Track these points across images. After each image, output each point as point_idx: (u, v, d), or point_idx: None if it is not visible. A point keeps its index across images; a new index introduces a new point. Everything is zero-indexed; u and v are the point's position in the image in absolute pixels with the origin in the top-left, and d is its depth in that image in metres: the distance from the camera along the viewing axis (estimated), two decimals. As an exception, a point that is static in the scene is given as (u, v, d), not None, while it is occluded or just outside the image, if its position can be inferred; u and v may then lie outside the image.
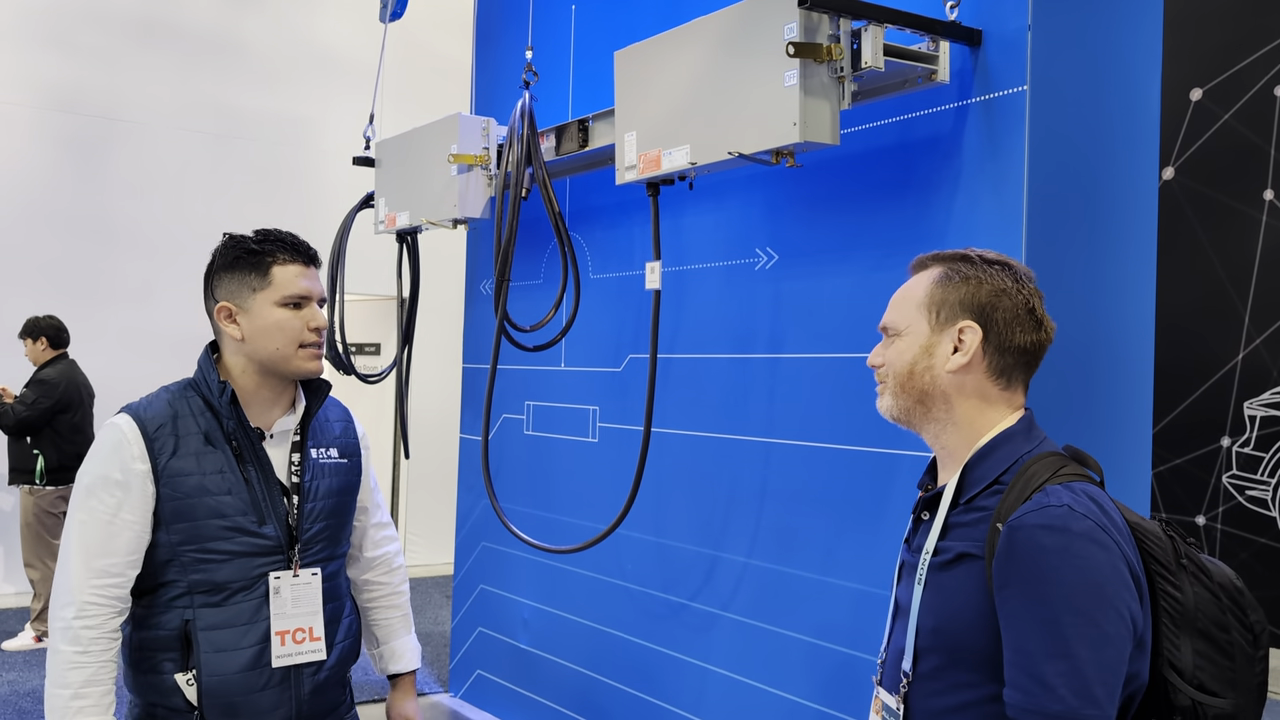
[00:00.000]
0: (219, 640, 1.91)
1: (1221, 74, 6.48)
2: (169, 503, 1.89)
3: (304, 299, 1.97)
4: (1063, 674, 1.26)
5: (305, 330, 1.96)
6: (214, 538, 1.90)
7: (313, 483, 2.02)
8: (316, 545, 2.01)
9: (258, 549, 1.93)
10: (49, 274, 7.25)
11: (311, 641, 1.99)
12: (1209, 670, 1.38)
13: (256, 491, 1.94)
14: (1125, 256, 2.51)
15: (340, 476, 2.08)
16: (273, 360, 1.96)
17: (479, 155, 3.58)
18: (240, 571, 1.92)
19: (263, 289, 1.96)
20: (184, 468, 1.90)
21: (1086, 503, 1.34)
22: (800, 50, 2.32)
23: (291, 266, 1.98)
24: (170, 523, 1.89)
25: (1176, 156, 6.66)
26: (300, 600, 1.97)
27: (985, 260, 1.50)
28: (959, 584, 1.40)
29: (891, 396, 1.53)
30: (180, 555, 1.90)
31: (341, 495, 2.08)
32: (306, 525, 2.00)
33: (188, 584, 1.90)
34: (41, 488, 5.99)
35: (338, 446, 2.11)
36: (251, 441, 1.96)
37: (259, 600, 1.93)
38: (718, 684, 3.07)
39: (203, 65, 7.82)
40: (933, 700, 1.42)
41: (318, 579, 2.00)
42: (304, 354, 1.97)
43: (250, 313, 1.96)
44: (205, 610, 1.90)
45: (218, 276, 2.01)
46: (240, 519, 1.92)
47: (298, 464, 2.01)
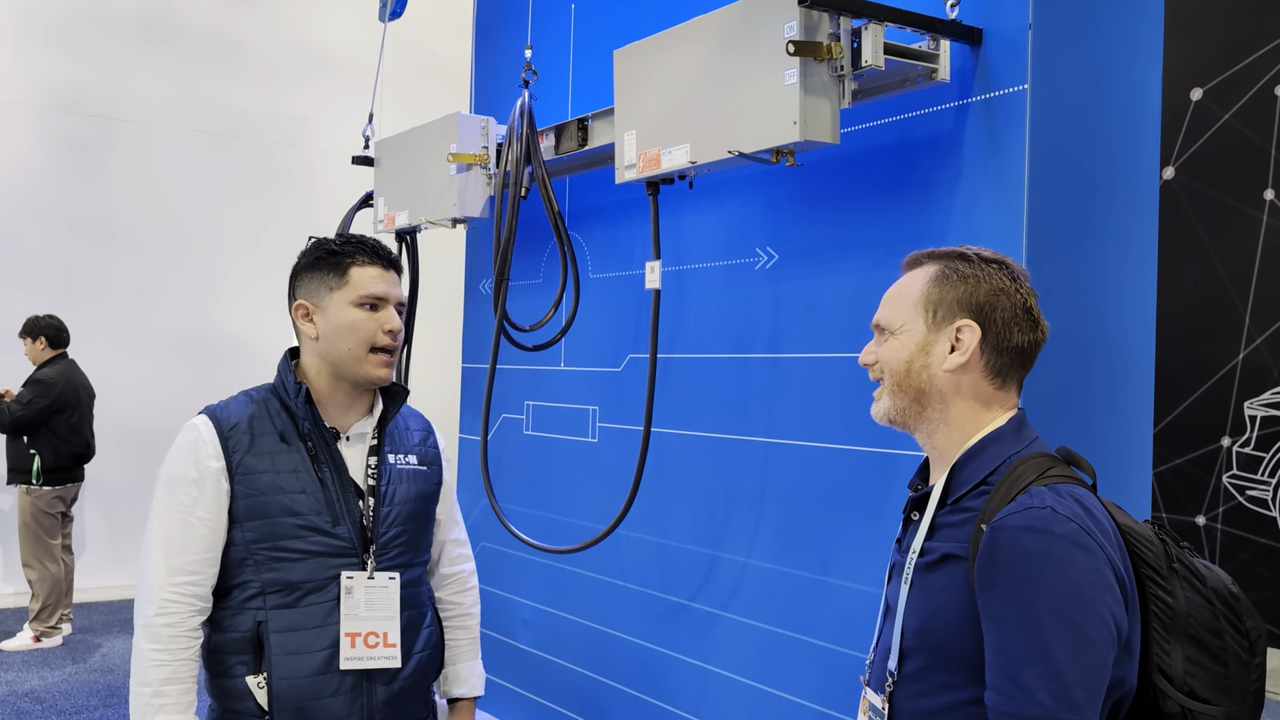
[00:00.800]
0: (290, 643, 1.89)
1: (1222, 74, 6.47)
2: (243, 500, 1.89)
3: (380, 300, 1.96)
4: (1042, 678, 1.25)
5: (379, 332, 1.95)
6: (288, 536, 1.89)
7: (389, 487, 2.01)
8: (393, 550, 1.99)
9: (331, 549, 1.91)
10: (48, 273, 7.25)
11: (385, 647, 1.95)
12: (1200, 676, 1.37)
13: (331, 492, 1.93)
14: (1125, 256, 2.51)
15: (418, 483, 2.07)
16: (344, 361, 1.95)
17: (478, 154, 3.57)
18: (313, 571, 1.90)
19: (339, 288, 1.95)
20: (258, 465, 1.90)
21: (1071, 505, 1.32)
22: (800, 49, 2.31)
23: (370, 268, 1.97)
24: (245, 520, 1.89)
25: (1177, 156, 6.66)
26: (375, 603, 1.94)
27: (983, 259, 1.48)
28: (943, 585, 1.39)
29: (889, 397, 1.51)
30: (254, 554, 1.89)
31: (419, 502, 2.06)
32: (382, 529, 1.98)
33: (261, 584, 1.89)
34: (39, 488, 5.99)
35: (417, 454, 2.10)
36: (326, 442, 1.96)
37: (331, 603, 1.91)
38: (718, 684, 3.06)
39: (203, 65, 7.82)
40: (917, 701, 1.41)
41: (396, 584, 1.97)
42: (375, 359, 1.96)
43: (326, 312, 1.96)
44: (278, 612, 1.89)
45: (299, 276, 2.02)
46: (314, 518, 1.91)
47: (374, 467, 2.00)
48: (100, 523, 7.45)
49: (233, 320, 7.90)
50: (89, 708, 5.04)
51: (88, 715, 4.93)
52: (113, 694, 5.25)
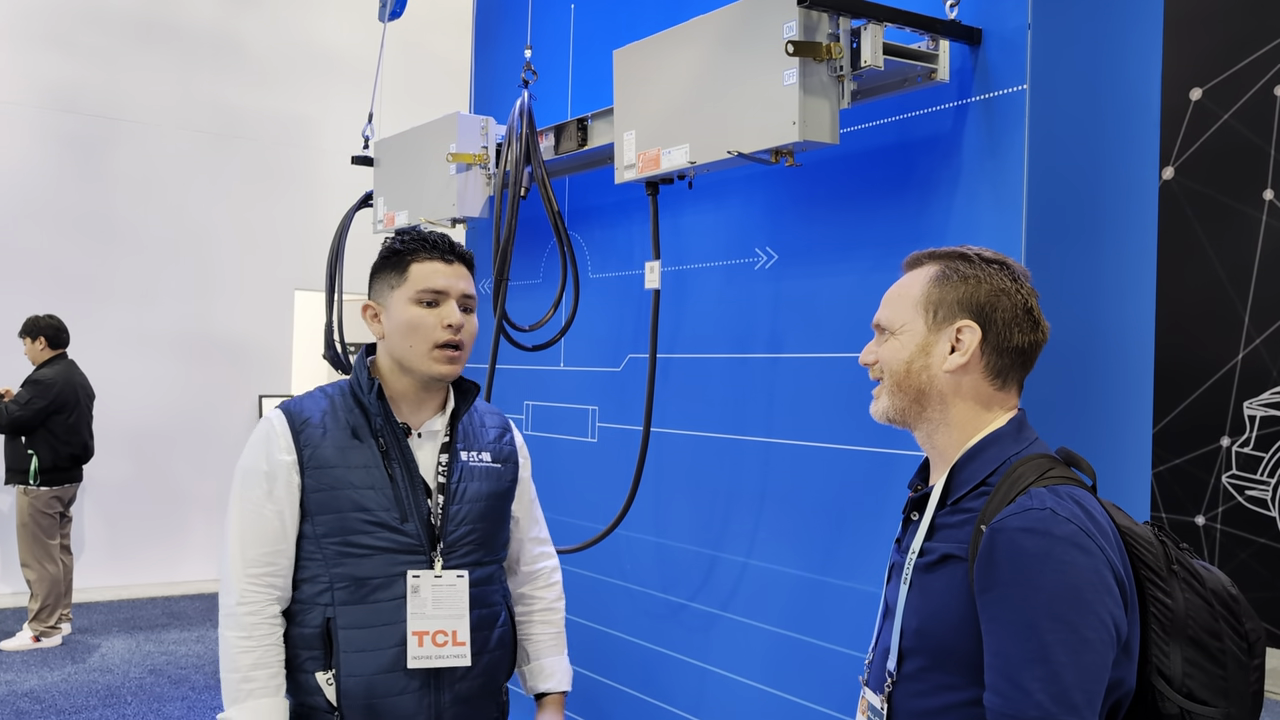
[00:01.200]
0: (358, 640, 1.89)
1: (1221, 74, 6.48)
2: (313, 493, 1.90)
3: (440, 295, 1.94)
4: (1040, 679, 1.24)
5: (439, 329, 1.92)
6: (356, 531, 1.89)
7: (460, 484, 1.99)
8: (463, 548, 1.97)
9: (400, 546, 1.91)
10: (48, 273, 7.25)
11: (454, 646, 1.93)
12: (1199, 678, 1.36)
13: (400, 489, 1.93)
14: (1125, 256, 2.51)
15: (491, 481, 2.05)
16: (407, 360, 1.94)
17: (478, 154, 3.57)
18: (382, 568, 1.90)
19: (399, 285, 1.95)
20: (329, 459, 1.91)
21: (1070, 506, 1.32)
22: (799, 49, 2.31)
23: (430, 263, 1.95)
24: (315, 514, 1.90)
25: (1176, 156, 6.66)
26: (443, 602, 1.93)
27: (983, 259, 1.48)
28: (943, 585, 1.39)
29: (888, 397, 1.51)
30: (324, 547, 1.90)
31: (491, 500, 2.04)
32: (451, 527, 1.96)
33: (330, 578, 1.90)
34: (36, 488, 5.99)
35: (491, 451, 2.08)
36: (398, 439, 1.95)
37: (399, 600, 1.90)
38: (717, 684, 3.06)
39: (202, 65, 7.82)
40: (916, 701, 1.41)
41: (464, 582, 1.95)
42: (437, 355, 1.93)
43: (389, 310, 1.96)
44: (346, 608, 1.89)
45: (372, 277, 2.02)
46: (382, 514, 1.91)
47: (445, 465, 1.99)
48: (100, 523, 7.45)
49: (233, 320, 7.90)
50: (88, 707, 5.04)
51: (87, 715, 4.93)
52: (111, 694, 5.25)
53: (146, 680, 5.49)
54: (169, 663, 5.81)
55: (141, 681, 5.46)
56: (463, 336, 1.95)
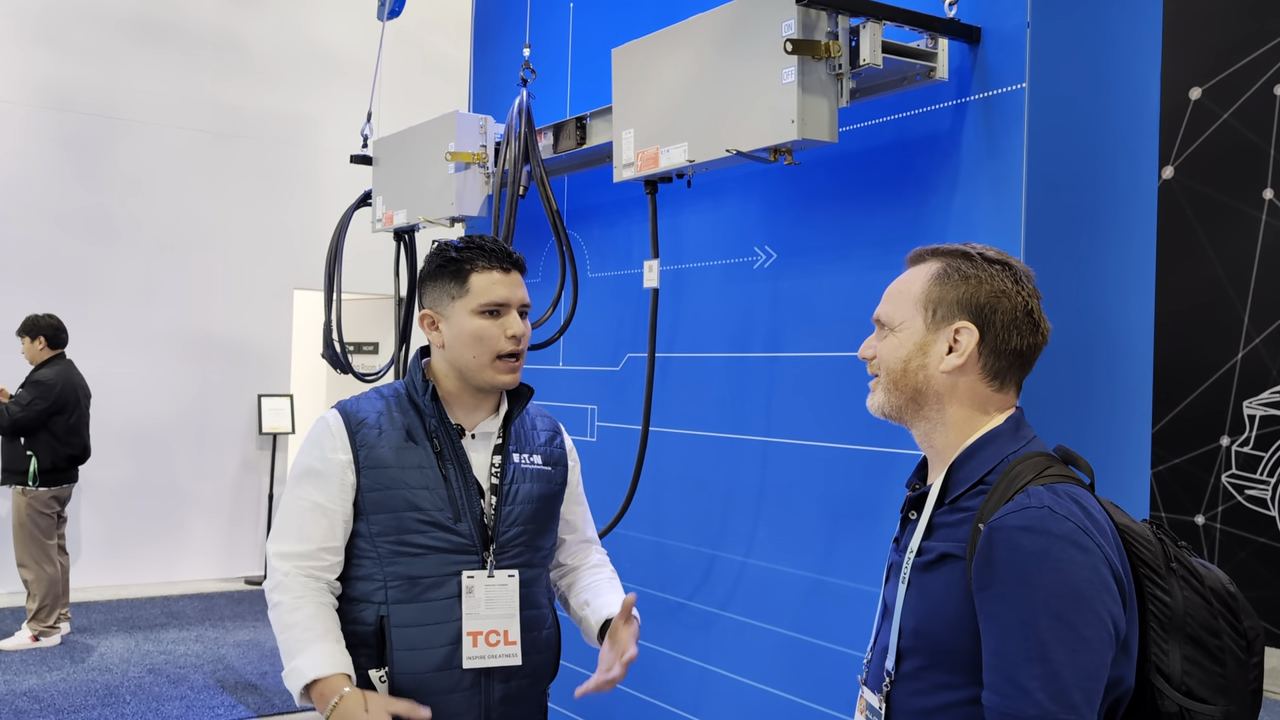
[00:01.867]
0: (411, 638, 1.92)
1: (1221, 73, 6.47)
2: (369, 493, 1.93)
3: (502, 306, 1.96)
4: (1039, 678, 1.24)
5: (502, 339, 1.95)
6: (410, 530, 1.92)
7: (512, 486, 2.02)
8: (514, 549, 2.00)
9: (453, 546, 1.94)
10: (47, 273, 7.24)
11: (506, 645, 1.97)
12: (1198, 676, 1.36)
13: (454, 489, 1.95)
14: (1124, 255, 2.50)
15: (541, 483, 2.07)
16: (469, 369, 1.97)
17: (476, 153, 3.57)
18: (435, 567, 1.93)
19: (461, 297, 1.96)
20: (384, 459, 1.94)
21: (1068, 504, 1.32)
22: (798, 47, 2.31)
23: (490, 273, 1.97)
24: (370, 513, 1.93)
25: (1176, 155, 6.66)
26: (495, 602, 1.96)
27: (986, 259, 1.47)
28: (941, 585, 1.38)
29: (884, 393, 1.50)
30: (378, 546, 1.93)
31: (542, 502, 2.07)
32: (503, 528, 1.99)
33: (384, 577, 1.92)
34: (34, 489, 5.98)
35: (541, 454, 2.10)
36: (452, 440, 1.98)
37: (452, 599, 1.93)
38: (716, 683, 3.06)
39: (201, 64, 7.81)
40: (914, 700, 1.41)
41: (514, 582, 1.99)
42: (499, 365, 1.96)
43: (450, 320, 1.97)
44: (399, 606, 1.92)
45: (424, 284, 2.03)
46: (436, 514, 1.93)
47: (498, 466, 2.01)
48: (98, 523, 7.44)
49: (231, 320, 7.89)
50: (86, 707, 5.03)
51: (85, 715, 4.93)
52: (110, 693, 5.25)
53: (145, 680, 5.48)
54: (167, 662, 5.81)
55: (140, 681, 5.46)
56: (523, 345, 1.99)
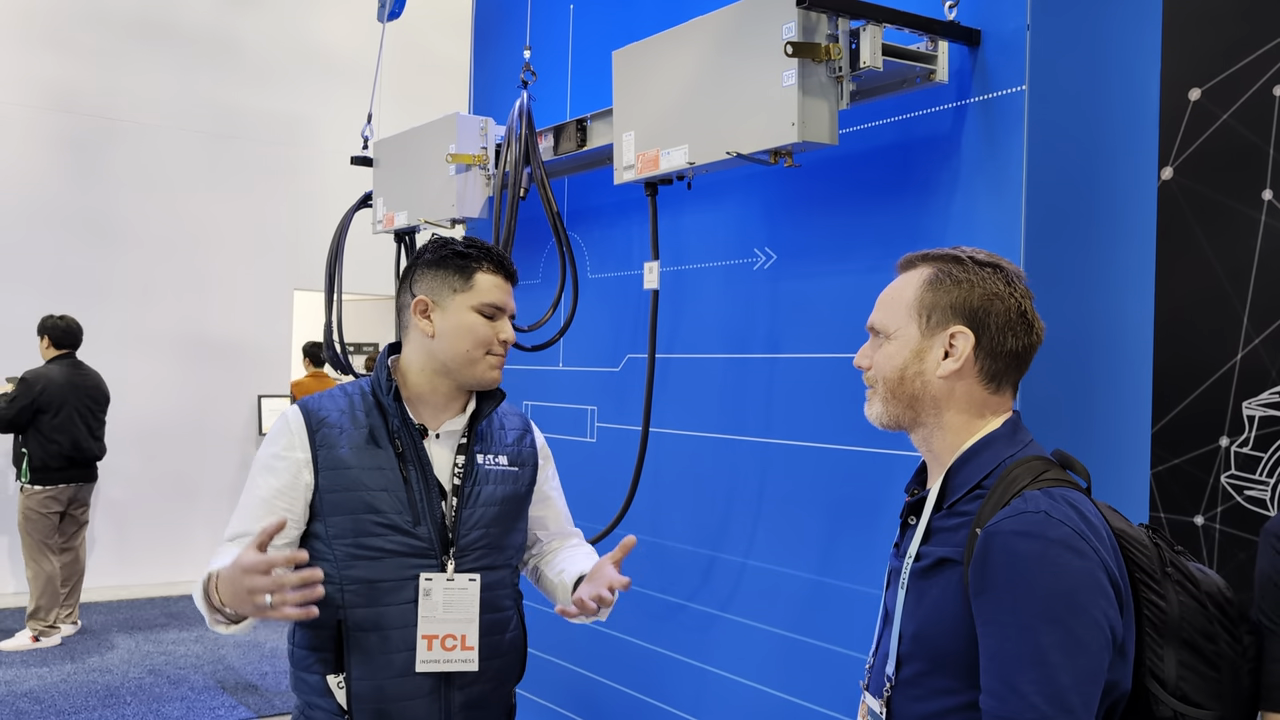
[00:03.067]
0: (369, 643, 1.89)
1: (1220, 74, 6.48)
2: (327, 494, 1.90)
3: (499, 310, 2.01)
4: (1036, 682, 1.24)
5: (494, 340, 1.99)
6: (368, 533, 1.89)
7: (474, 488, 1.99)
8: (475, 552, 1.97)
9: (411, 549, 1.91)
10: (48, 274, 7.25)
11: (463, 650, 1.94)
12: (1193, 681, 1.36)
13: (414, 491, 1.92)
14: (1123, 256, 2.51)
15: (507, 484, 2.05)
16: (457, 362, 1.97)
17: (477, 155, 3.57)
18: (393, 571, 1.90)
19: (464, 291, 1.98)
20: (344, 460, 1.91)
21: (1065, 509, 1.32)
22: (798, 50, 2.32)
23: (494, 277, 2.01)
24: (327, 514, 1.90)
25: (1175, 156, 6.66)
26: (453, 605, 1.93)
27: (976, 262, 1.47)
28: (939, 590, 1.39)
29: (881, 403, 1.50)
30: (335, 548, 1.90)
31: (506, 504, 2.04)
32: (464, 530, 1.96)
33: (340, 581, 1.89)
34: (30, 487, 6.02)
35: (509, 454, 2.08)
36: (414, 440, 1.95)
37: (411, 604, 1.90)
38: (716, 684, 3.06)
39: (201, 65, 7.81)
40: (914, 706, 1.41)
41: (475, 586, 1.95)
42: (489, 360, 1.99)
43: (446, 311, 1.98)
44: (357, 610, 1.89)
45: (420, 271, 2.02)
46: (395, 517, 1.90)
47: (460, 467, 1.99)
48: (99, 522, 7.44)
49: (232, 320, 7.90)
50: (88, 708, 5.03)
51: (86, 715, 4.93)
52: (111, 694, 5.25)
53: (146, 680, 5.49)
54: (168, 663, 5.81)
55: (141, 682, 5.46)
56: (506, 351, 2.03)
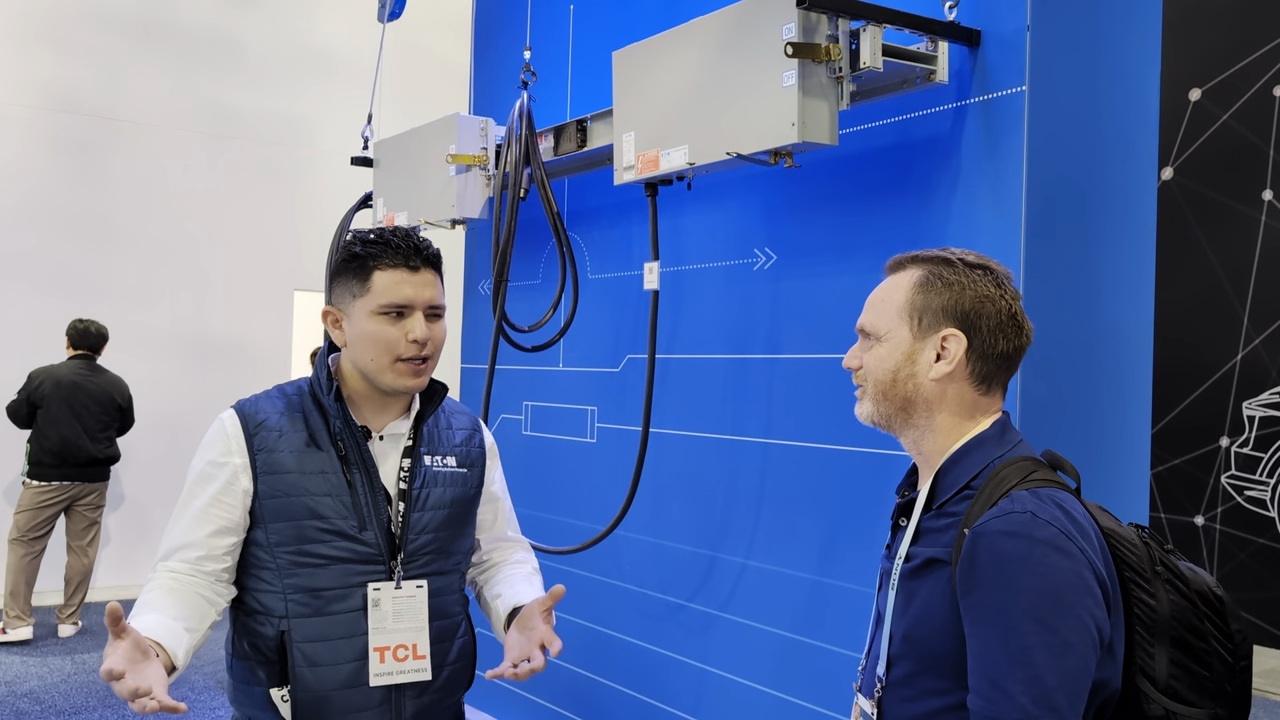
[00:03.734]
0: (315, 654, 1.80)
1: (1220, 74, 6.48)
2: (267, 499, 1.80)
3: (405, 308, 1.81)
4: (1022, 681, 1.25)
5: (403, 342, 1.80)
6: (312, 540, 1.80)
7: (422, 490, 1.89)
8: (423, 557, 1.88)
9: (358, 556, 1.81)
10: (46, 274, 7.25)
11: (415, 660, 1.84)
12: (1184, 679, 1.36)
13: (359, 495, 1.83)
14: (1123, 257, 2.51)
15: (455, 487, 1.94)
16: (369, 372, 1.83)
17: (477, 155, 3.58)
18: (339, 579, 1.80)
19: (362, 296, 1.82)
20: (284, 464, 1.81)
21: (1052, 509, 1.32)
22: (799, 50, 2.32)
23: (395, 272, 1.81)
24: (268, 521, 1.81)
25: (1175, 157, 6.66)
26: (403, 615, 1.83)
27: (966, 264, 1.47)
28: (928, 591, 1.39)
29: (872, 403, 1.50)
30: (277, 557, 1.81)
31: (455, 506, 1.94)
32: (412, 535, 1.86)
33: (283, 589, 1.80)
34: (28, 480, 6.14)
35: (456, 455, 1.97)
36: (358, 443, 1.85)
37: (357, 612, 1.81)
38: (716, 684, 3.07)
39: (201, 65, 7.81)
40: (904, 706, 1.41)
41: (424, 593, 1.86)
42: (400, 368, 1.81)
43: (351, 320, 1.84)
44: (301, 620, 1.80)
45: (331, 280, 1.89)
46: (340, 522, 1.81)
47: (407, 470, 1.89)
48: (99, 523, 7.44)
49: (232, 320, 7.90)
50: (88, 708, 5.03)
51: (86, 715, 4.93)
52: (111, 694, 5.25)
53: (146, 681, 5.49)
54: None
55: (141, 682, 5.46)
56: (430, 349, 1.84)
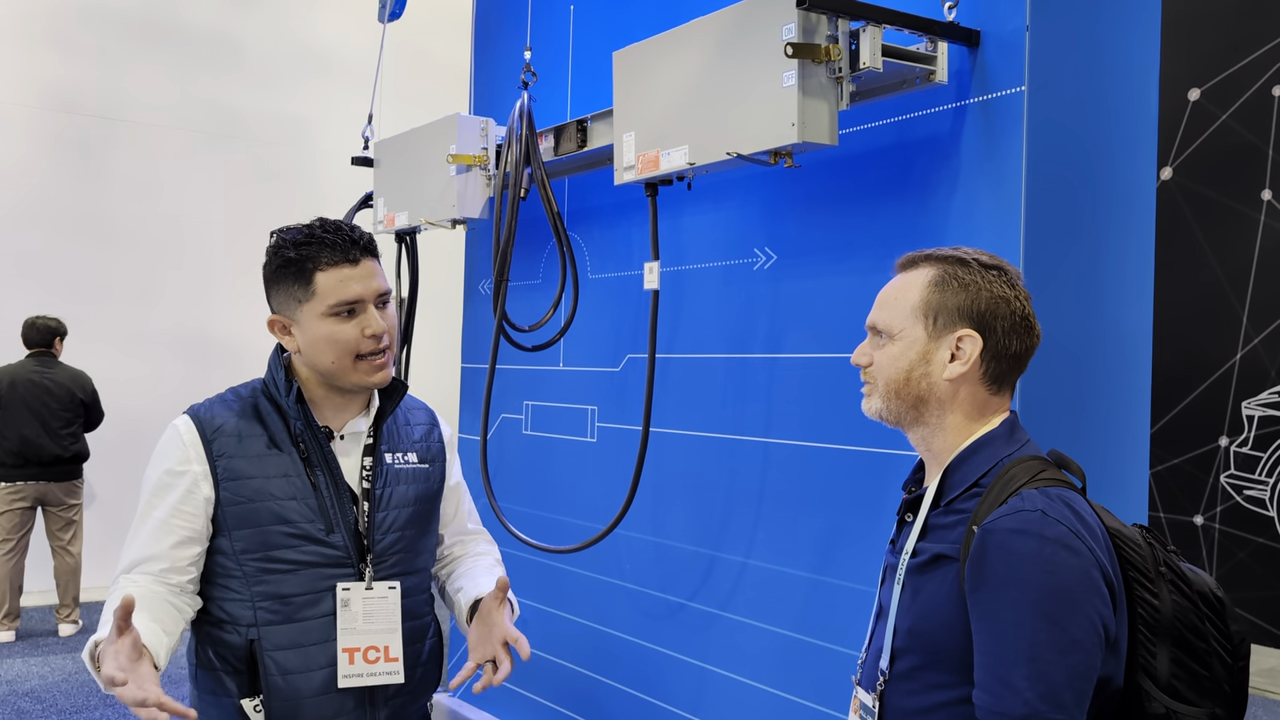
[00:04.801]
0: (287, 662, 1.76)
1: (1219, 74, 6.48)
2: (230, 507, 1.76)
3: (356, 304, 1.77)
4: (1029, 677, 1.26)
5: (361, 339, 1.77)
6: (279, 545, 1.76)
7: (385, 489, 1.86)
8: (392, 557, 1.85)
9: (325, 559, 1.78)
10: (48, 274, 7.25)
11: (387, 662, 1.81)
12: (1184, 679, 1.38)
13: (325, 497, 1.79)
14: (1123, 257, 2.51)
15: (419, 484, 1.92)
16: (330, 374, 1.80)
17: (478, 155, 3.58)
18: (308, 584, 1.76)
19: (308, 300, 1.77)
20: (245, 469, 1.77)
21: (1061, 508, 1.33)
22: (798, 51, 2.32)
23: (337, 270, 1.76)
24: (232, 529, 1.76)
25: (1174, 157, 6.67)
26: (374, 616, 1.80)
27: (981, 264, 1.48)
28: (935, 586, 1.40)
29: (882, 400, 1.51)
30: (243, 564, 1.77)
31: (419, 504, 1.92)
32: (379, 535, 1.83)
33: (251, 598, 1.76)
34: None
35: (417, 451, 1.94)
36: (320, 444, 1.81)
37: (329, 617, 1.78)
38: (716, 683, 3.07)
39: (201, 65, 7.82)
40: (907, 700, 1.42)
41: (396, 594, 1.83)
42: (363, 366, 1.79)
43: (301, 325, 1.79)
44: (271, 629, 1.76)
45: (268, 287, 1.83)
46: (306, 526, 1.77)
47: (369, 469, 1.86)
48: (98, 523, 7.45)
49: (231, 320, 7.90)
50: (89, 707, 5.04)
51: (87, 715, 4.94)
52: (112, 694, 5.26)
53: (146, 680, 5.49)
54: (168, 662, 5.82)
55: (141, 681, 5.47)
56: (388, 341, 1.81)
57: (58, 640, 6.21)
